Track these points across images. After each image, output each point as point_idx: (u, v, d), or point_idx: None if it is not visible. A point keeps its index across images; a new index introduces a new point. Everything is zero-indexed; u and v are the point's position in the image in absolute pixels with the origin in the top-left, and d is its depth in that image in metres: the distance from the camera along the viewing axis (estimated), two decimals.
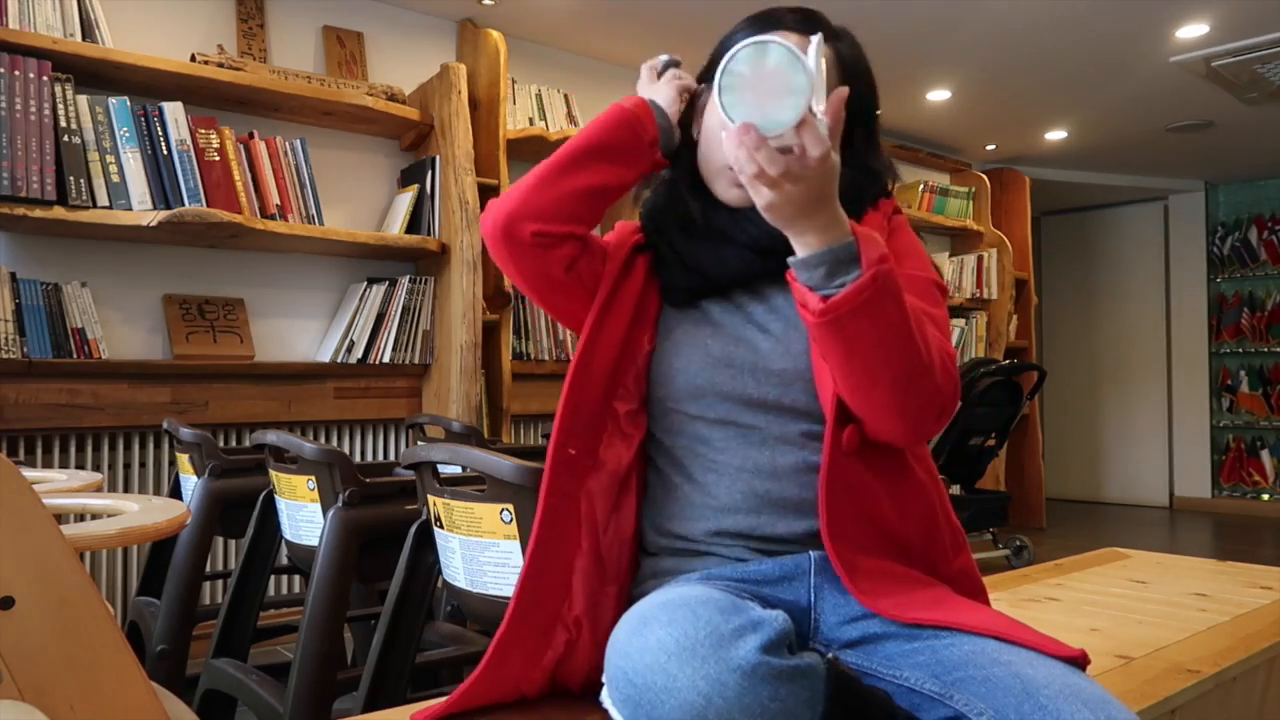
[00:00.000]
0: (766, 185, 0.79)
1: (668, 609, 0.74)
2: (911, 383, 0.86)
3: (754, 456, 0.96)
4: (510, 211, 1.00)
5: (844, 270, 0.83)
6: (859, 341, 0.83)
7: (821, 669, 0.73)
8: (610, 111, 1.03)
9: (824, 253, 0.83)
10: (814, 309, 0.83)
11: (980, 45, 3.92)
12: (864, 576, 0.89)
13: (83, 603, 0.82)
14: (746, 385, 0.97)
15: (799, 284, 0.85)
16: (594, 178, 1.01)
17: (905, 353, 0.84)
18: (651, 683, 0.71)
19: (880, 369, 0.85)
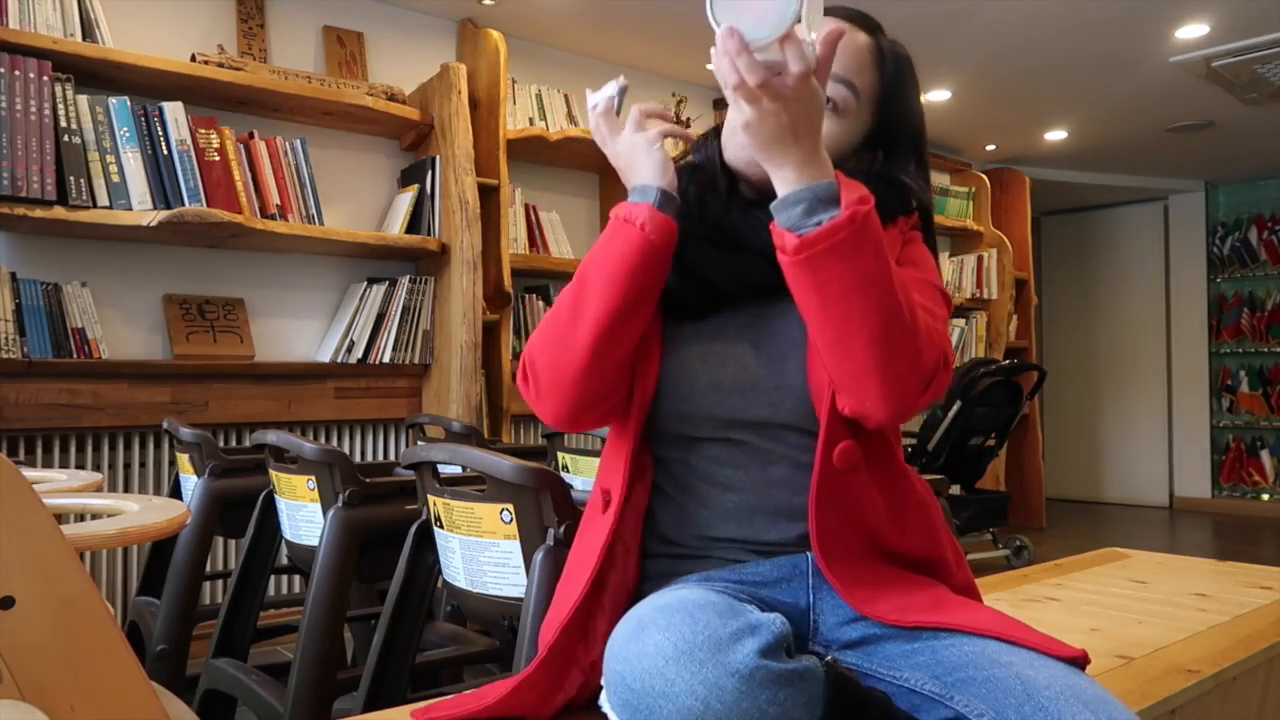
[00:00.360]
0: (745, 98, 0.78)
1: (665, 613, 0.74)
2: (891, 341, 0.83)
3: (746, 469, 0.95)
4: (571, 412, 0.95)
5: (822, 209, 0.82)
6: (833, 285, 0.82)
7: (820, 672, 0.73)
8: (633, 245, 0.91)
9: (802, 190, 0.82)
10: (789, 247, 0.82)
11: (980, 45, 3.92)
12: (859, 585, 0.89)
13: (83, 603, 0.82)
14: (735, 407, 0.96)
15: (777, 227, 0.84)
16: (638, 329, 0.94)
17: (884, 306, 0.82)
18: (650, 687, 0.70)
19: (857, 321, 0.82)
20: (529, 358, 0.97)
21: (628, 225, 0.92)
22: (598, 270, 0.92)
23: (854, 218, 0.80)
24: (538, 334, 0.96)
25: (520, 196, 3.64)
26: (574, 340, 0.92)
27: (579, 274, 0.95)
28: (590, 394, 0.94)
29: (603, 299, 0.91)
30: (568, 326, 0.92)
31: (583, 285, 0.93)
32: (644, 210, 0.92)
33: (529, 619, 1.23)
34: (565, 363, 0.92)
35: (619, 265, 0.91)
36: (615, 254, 0.91)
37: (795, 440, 0.95)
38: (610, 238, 0.93)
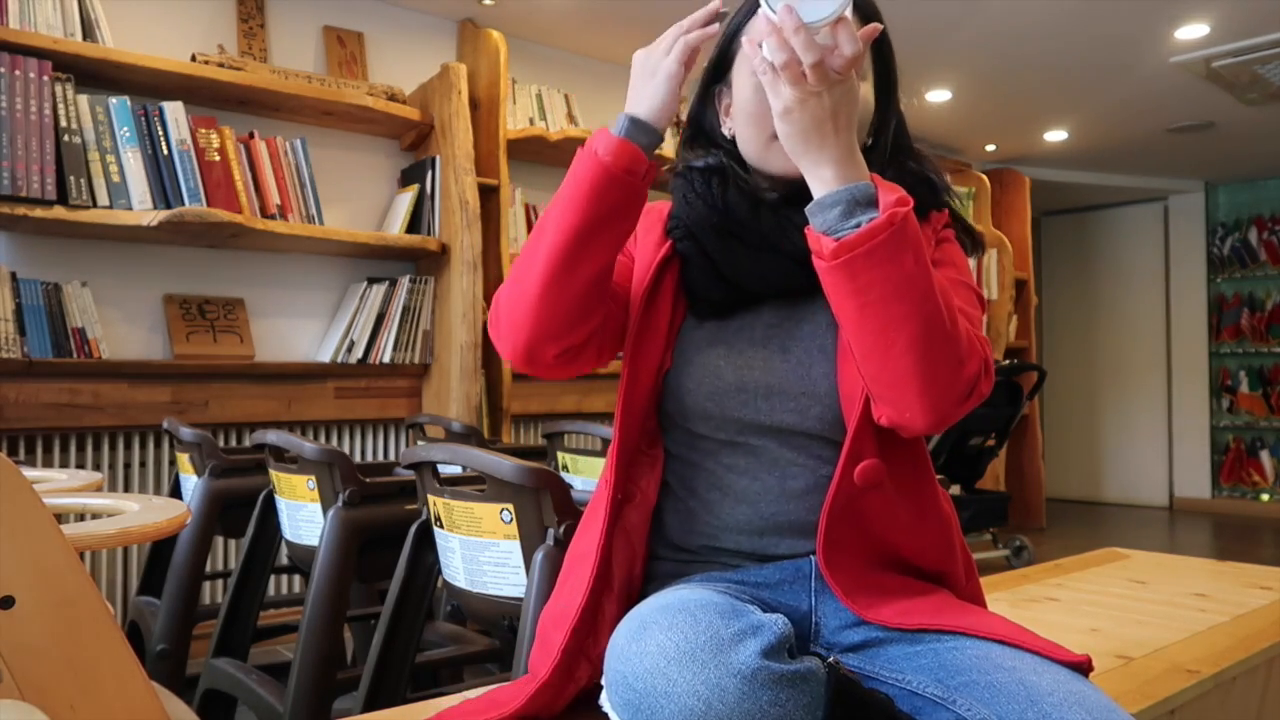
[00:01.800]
0: (791, 78, 0.77)
1: (667, 613, 0.74)
2: (932, 348, 0.81)
3: (763, 479, 0.93)
4: (526, 342, 0.92)
5: (860, 211, 0.80)
6: (872, 290, 0.79)
7: (822, 673, 0.73)
8: (587, 170, 0.89)
9: (840, 191, 0.80)
10: (827, 250, 0.80)
11: (980, 45, 3.92)
12: (862, 592, 0.88)
13: (83, 603, 0.82)
14: (759, 411, 0.93)
15: (813, 231, 0.82)
16: (597, 259, 0.91)
17: (924, 311, 0.80)
18: (651, 687, 0.70)
19: (896, 327, 0.80)
20: (495, 297, 0.96)
21: (586, 153, 0.90)
22: (558, 198, 0.91)
23: (893, 219, 0.79)
24: (509, 274, 0.96)
25: (520, 196, 3.64)
26: (532, 268, 0.90)
27: (545, 212, 0.94)
28: (547, 323, 0.91)
29: (558, 224, 0.89)
30: (527, 257, 0.92)
31: (545, 219, 0.92)
32: (604, 137, 0.90)
33: (529, 619, 1.23)
34: (523, 291, 0.91)
35: (574, 190, 0.89)
36: (572, 179, 0.90)
37: (818, 450, 0.93)
38: (573, 166, 0.92)
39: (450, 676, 2.13)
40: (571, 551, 1.01)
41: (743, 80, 0.97)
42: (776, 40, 0.77)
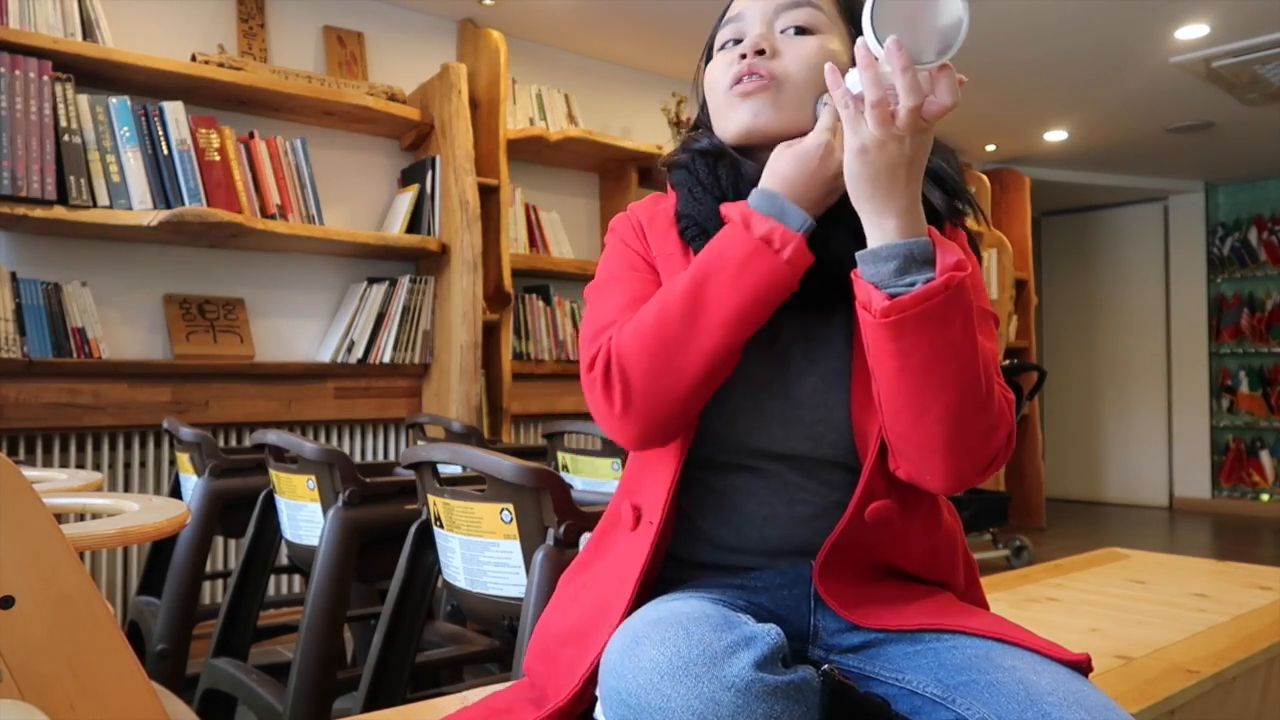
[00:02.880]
0: (879, 121, 0.73)
1: (659, 627, 0.73)
2: (965, 416, 0.79)
3: (772, 504, 0.91)
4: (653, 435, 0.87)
5: (916, 270, 0.77)
6: (915, 353, 0.77)
7: (817, 682, 0.72)
8: (768, 273, 0.81)
9: (899, 245, 0.77)
10: (877, 307, 0.77)
11: (980, 45, 3.92)
12: (859, 604, 0.88)
13: (83, 602, 0.82)
14: (774, 438, 0.90)
15: (863, 280, 0.79)
16: (733, 367, 0.86)
17: (963, 379, 0.78)
18: (645, 703, 0.70)
19: (933, 393, 0.78)
20: (621, 365, 0.85)
21: (769, 251, 0.82)
22: (724, 296, 0.82)
23: (949, 284, 0.75)
24: (635, 339, 0.85)
25: (520, 196, 3.64)
26: (684, 362, 0.83)
27: (694, 284, 0.83)
28: (683, 420, 0.86)
29: (726, 329, 0.82)
30: (678, 345, 0.83)
31: (700, 304, 0.83)
32: (793, 241, 0.82)
33: (529, 619, 1.23)
34: (669, 385, 0.83)
35: (753, 297, 0.82)
36: (751, 283, 0.81)
37: (828, 476, 0.90)
38: (746, 260, 0.82)
39: (450, 676, 2.13)
40: (591, 574, 0.95)
41: (709, 70, 0.98)
42: (873, 75, 0.72)
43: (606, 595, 0.90)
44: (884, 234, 0.78)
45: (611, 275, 0.96)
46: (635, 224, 1.00)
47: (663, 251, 0.96)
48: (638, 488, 0.94)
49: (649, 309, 0.86)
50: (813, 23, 0.94)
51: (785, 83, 0.91)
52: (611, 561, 0.93)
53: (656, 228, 0.98)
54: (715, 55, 0.99)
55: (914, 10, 0.72)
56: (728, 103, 0.94)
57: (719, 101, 0.95)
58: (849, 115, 0.76)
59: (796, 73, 0.92)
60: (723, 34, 0.98)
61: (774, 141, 0.90)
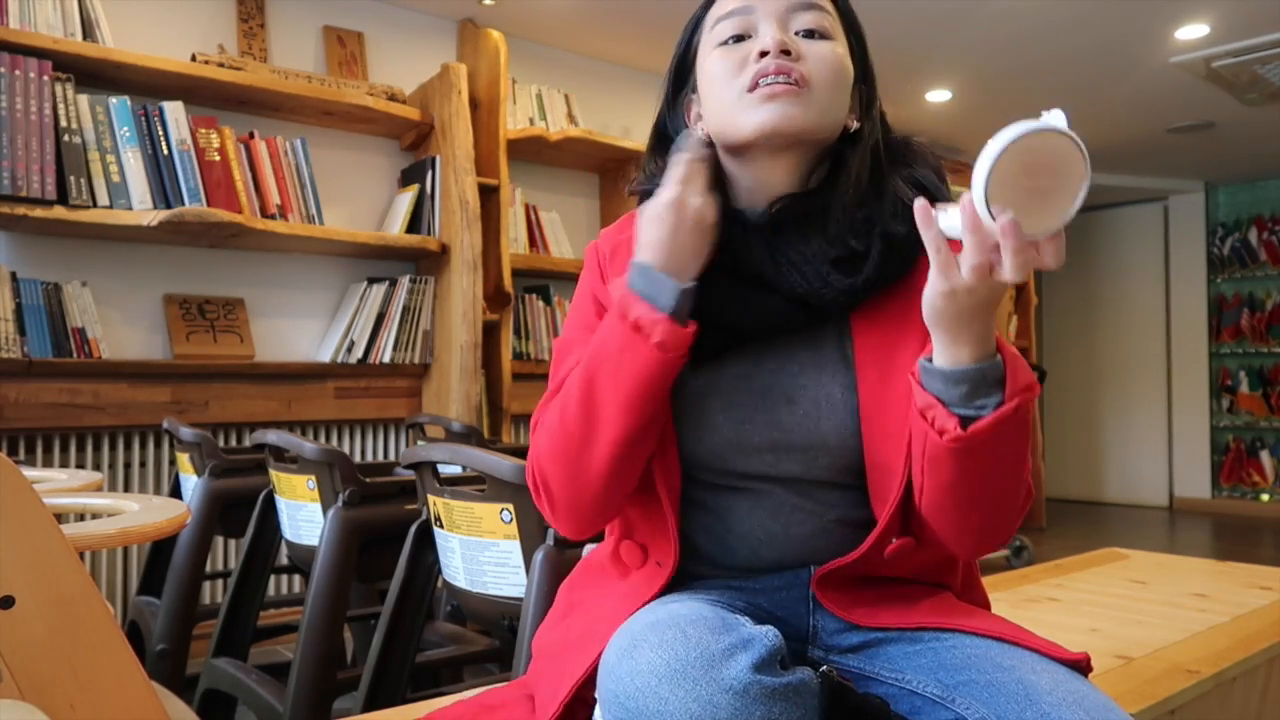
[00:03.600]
0: (976, 278, 0.71)
1: (657, 630, 0.72)
2: (1002, 513, 0.82)
3: (767, 525, 0.89)
4: (585, 528, 0.89)
5: (985, 392, 0.75)
6: (977, 470, 0.77)
7: (815, 684, 0.72)
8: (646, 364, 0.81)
9: (971, 370, 0.75)
10: (949, 433, 0.75)
11: (980, 45, 3.92)
12: (858, 605, 0.88)
13: (83, 602, 0.82)
14: (764, 463, 0.88)
15: (928, 392, 0.77)
16: (652, 442, 0.86)
17: (1010, 485, 0.80)
18: (644, 707, 0.69)
19: (983, 499, 0.80)
20: (540, 475, 0.89)
21: (640, 339, 0.81)
22: (610, 390, 0.82)
23: (1020, 409, 0.75)
24: (547, 448, 0.87)
25: (520, 196, 3.64)
26: (589, 462, 0.84)
27: (584, 382, 0.84)
28: (610, 508, 0.89)
29: (618, 423, 0.83)
30: (580, 447, 0.84)
31: (592, 402, 0.83)
32: (660, 324, 0.81)
33: (529, 619, 1.23)
34: (582, 485, 0.86)
35: (634, 387, 0.82)
36: (629, 373, 0.82)
37: (825, 496, 0.89)
38: (621, 350, 0.82)
39: (450, 676, 2.13)
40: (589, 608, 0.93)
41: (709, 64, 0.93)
42: (979, 240, 0.69)
43: (604, 614, 0.89)
44: (957, 358, 0.76)
45: (568, 339, 0.96)
46: (600, 257, 0.99)
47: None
48: (634, 526, 0.93)
49: (554, 411, 0.87)
50: (826, 27, 0.92)
51: (814, 88, 0.89)
52: (609, 590, 0.92)
53: (619, 259, 0.95)
54: (714, 50, 0.93)
55: (1031, 181, 0.67)
56: (745, 104, 0.89)
57: (730, 99, 0.90)
58: (940, 259, 0.72)
59: (822, 78, 0.89)
60: (722, 27, 0.93)
61: (792, 144, 0.89)
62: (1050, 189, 0.67)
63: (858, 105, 0.95)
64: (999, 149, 0.65)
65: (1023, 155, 0.66)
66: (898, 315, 0.89)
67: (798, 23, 0.91)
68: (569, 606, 0.96)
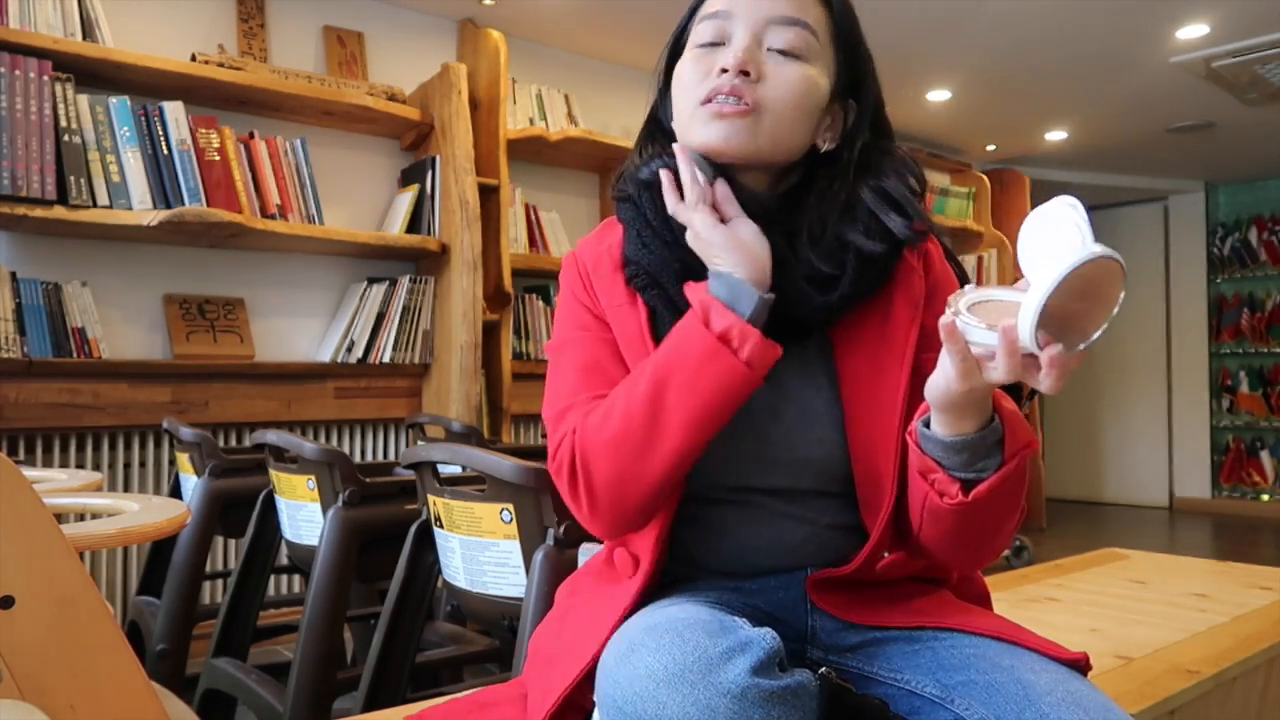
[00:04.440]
0: (1004, 380, 0.71)
1: (654, 634, 0.72)
2: (998, 544, 0.85)
3: (758, 534, 0.90)
4: (621, 529, 0.88)
5: (986, 454, 0.77)
6: (977, 522, 0.80)
7: (813, 686, 0.72)
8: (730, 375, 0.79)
9: (974, 439, 0.76)
10: (952, 498, 0.77)
11: (980, 45, 3.92)
12: (855, 608, 0.88)
13: (83, 602, 0.82)
14: (750, 474, 0.89)
15: (927, 455, 0.78)
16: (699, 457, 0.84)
17: (1008, 524, 0.82)
18: (642, 710, 0.69)
19: (979, 540, 0.83)
20: (586, 468, 0.84)
21: (726, 352, 0.79)
22: (683, 399, 0.80)
23: (1020, 466, 0.77)
24: (599, 442, 0.83)
25: (520, 196, 3.64)
26: (647, 464, 0.82)
27: (653, 384, 0.81)
28: (651, 513, 0.86)
29: (688, 432, 0.80)
30: (639, 450, 0.81)
31: (659, 407, 0.80)
32: (752, 338, 0.79)
33: (529, 619, 1.23)
34: (633, 487, 0.83)
35: (710, 400, 0.79)
36: (709, 385, 0.79)
37: (817, 504, 0.90)
38: (704, 360, 0.79)
39: (450, 676, 2.13)
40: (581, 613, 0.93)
41: (680, 67, 0.92)
42: (1014, 364, 0.69)
43: (596, 620, 0.89)
44: (959, 430, 0.76)
45: (564, 338, 0.94)
46: (582, 271, 0.96)
47: (611, 303, 0.92)
48: (629, 536, 0.92)
49: (613, 409, 0.84)
50: (803, 48, 0.88)
51: (765, 112, 0.86)
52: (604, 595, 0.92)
53: (602, 273, 0.94)
54: (690, 51, 0.92)
55: (1074, 305, 0.67)
56: (698, 116, 0.88)
57: (687, 109, 0.89)
58: (964, 366, 0.71)
59: (778, 103, 0.86)
60: (702, 29, 0.91)
61: (738, 165, 0.88)
62: (1091, 307, 0.68)
63: (838, 124, 0.93)
64: (1051, 286, 0.64)
65: (1070, 288, 0.65)
66: (877, 325, 0.89)
67: (773, 38, 0.88)
68: (564, 611, 0.95)
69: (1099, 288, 0.67)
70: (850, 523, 0.89)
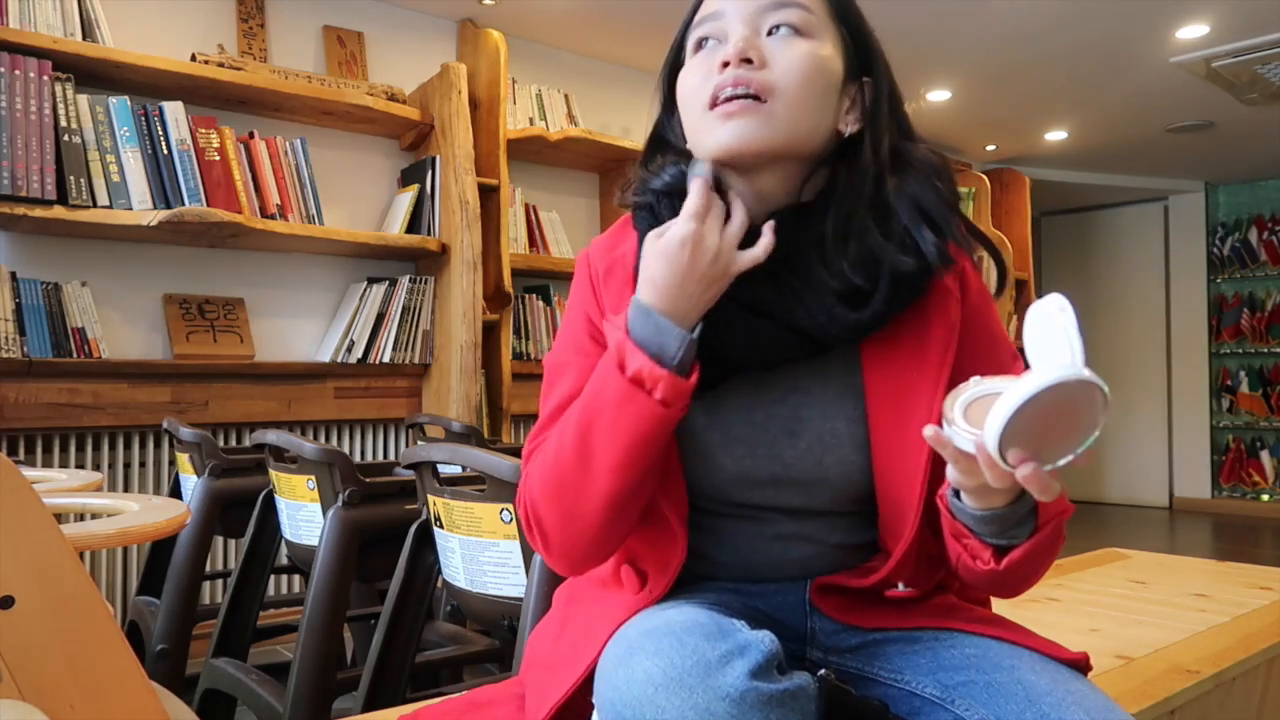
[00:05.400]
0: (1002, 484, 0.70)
1: (653, 637, 0.72)
2: (1030, 585, 0.85)
3: (765, 550, 0.89)
4: (580, 567, 0.88)
5: (1017, 522, 0.77)
6: (1010, 579, 0.80)
7: (812, 689, 0.71)
8: (647, 419, 0.77)
9: (1004, 511, 0.76)
10: (985, 563, 0.78)
11: (980, 45, 3.92)
12: (855, 610, 0.88)
13: (83, 602, 0.82)
14: (765, 495, 0.87)
15: (959, 524, 0.78)
16: (649, 489, 0.83)
17: (1042, 570, 0.83)
18: (641, 714, 0.69)
19: (1014, 588, 0.84)
20: (533, 512, 0.85)
21: (640, 394, 0.77)
22: (606, 443, 0.78)
23: (1056, 529, 0.77)
24: (540, 488, 0.84)
25: (520, 196, 3.64)
26: (586, 508, 0.81)
27: (579, 429, 0.80)
28: (606, 550, 0.86)
29: (616, 474, 0.79)
30: (575, 494, 0.81)
31: (586, 451, 0.80)
32: (663, 380, 0.76)
33: (529, 619, 1.23)
34: (576, 530, 0.83)
35: (632, 441, 0.78)
36: (626, 428, 0.77)
37: (825, 523, 0.89)
38: (620, 404, 0.77)
39: (450, 676, 2.13)
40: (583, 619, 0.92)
41: (682, 76, 0.89)
42: (997, 473, 0.68)
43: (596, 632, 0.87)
44: (987, 504, 0.76)
45: (561, 361, 0.92)
46: (593, 275, 0.92)
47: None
48: (637, 552, 0.90)
49: (548, 452, 0.83)
50: (802, 24, 0.84)
51: (776, 97, 0.82)
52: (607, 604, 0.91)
53: (614, 283, 0.90)
54: (690, 59, 0.89)
55: (1048, 424, 0.66)
56: (706, 122, 0.84)
57: (695, 115, 0.86)
58: (961, 467, 0.72)
59: (788, 83, 0.82)
60: (696, 32, 0.88)
61: (766, 162, 0.84)
62: (1069, 425, 0.67)
63: (858, 105, 0.88)
64: (1011, 408, 0.64)
65: (1036, 408, 0.64)
66: (911, 343, 0.86)
67: (770, 21, 0.84)
68: (565, 617, 0.95)
69: (1074, 408, 0.66)
70: (861, 540, 0.89)
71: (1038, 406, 0.64)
